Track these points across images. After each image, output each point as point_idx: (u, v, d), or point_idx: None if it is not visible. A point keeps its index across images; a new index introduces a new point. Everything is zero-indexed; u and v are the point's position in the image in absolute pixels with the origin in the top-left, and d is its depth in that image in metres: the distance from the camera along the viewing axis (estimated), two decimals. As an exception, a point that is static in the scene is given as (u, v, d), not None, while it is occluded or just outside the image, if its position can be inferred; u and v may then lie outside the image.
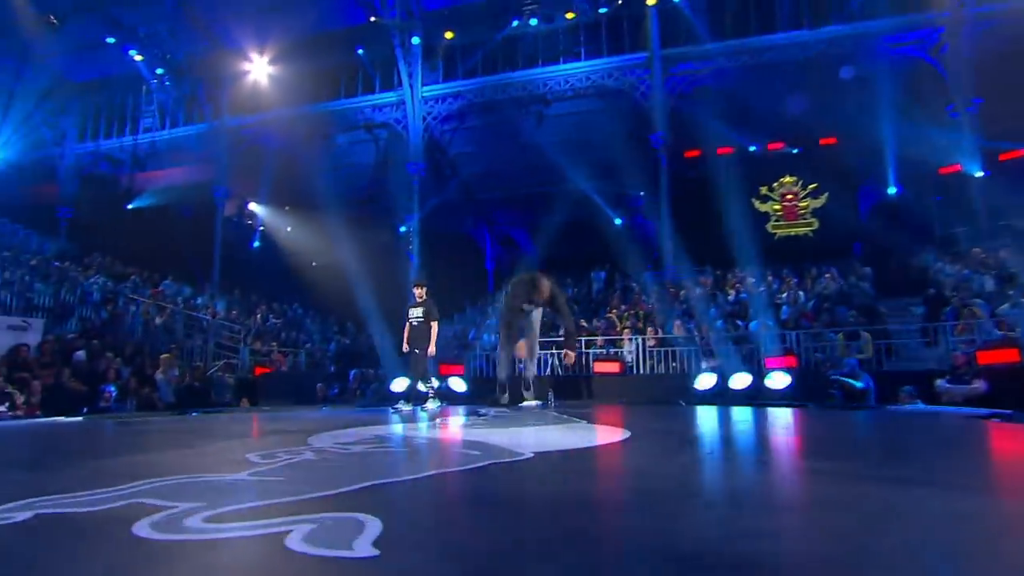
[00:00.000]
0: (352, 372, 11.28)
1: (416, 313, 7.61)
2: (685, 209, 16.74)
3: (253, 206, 20.38)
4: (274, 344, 13.66)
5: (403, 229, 18.91)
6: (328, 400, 10.57)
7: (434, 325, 7.57)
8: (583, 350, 10.60)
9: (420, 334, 7.52)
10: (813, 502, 2.21)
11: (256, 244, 20.42)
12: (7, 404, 8.14)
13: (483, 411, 6.35)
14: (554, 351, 10.82)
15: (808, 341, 9.36)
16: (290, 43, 17.39)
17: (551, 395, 8.69)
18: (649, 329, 10.31)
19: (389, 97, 18.88)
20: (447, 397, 9.38)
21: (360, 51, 18.01)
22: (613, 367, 9.88)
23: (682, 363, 10.01)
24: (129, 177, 18.72)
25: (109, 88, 18.22)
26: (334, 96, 19.11)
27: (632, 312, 12.00)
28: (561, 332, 9.63)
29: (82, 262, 16.64)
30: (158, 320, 11.82)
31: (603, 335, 11.07)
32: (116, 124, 18.93)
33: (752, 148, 17.75)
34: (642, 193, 18.50)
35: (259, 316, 16.40)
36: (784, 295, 11.85)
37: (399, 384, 9.98)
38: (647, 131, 17.11)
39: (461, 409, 7.01)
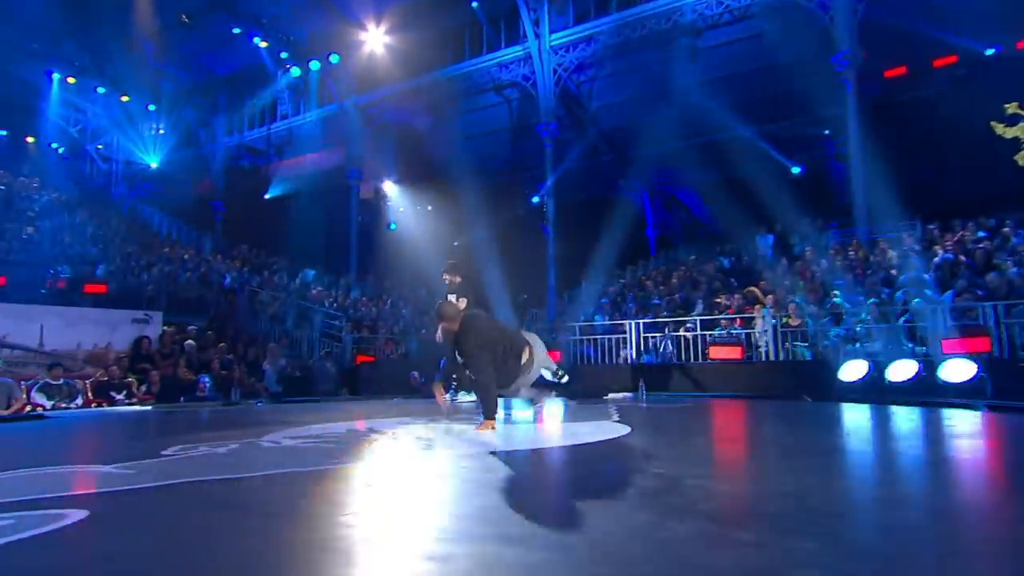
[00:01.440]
0: (442, 361, 11.74)
1: (452, 299, 7.58)
2: (886, 146, 14.62)
3: (387, 186, 22.05)
4: (395, 331, 14.74)
5: (536, 199, 19.11)
6: (421, 389, 11.18)
7: (463, 301, 7.45)
8: (699, 332, 9.95)
9: None
10: None
11: (392, 226, 22.12)
12: (124, 393, 9.92)
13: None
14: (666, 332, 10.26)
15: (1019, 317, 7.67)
16: (406, 8, 18.43)
17: (642, 385, 8.44)
18: (791, 305, 9.24)
19: (515, 52, 19.10)
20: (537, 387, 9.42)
21: (475, 3, 18.39)
22: (732, 352, 9.13)
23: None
24: (267, 167, 21.41)
25: (249, 79, 20.94)
26: (458, 59, 19.86)
27: (785, 284, 10.85)
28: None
29: (230, 254, 19.52)
30: (271, 310, 13.49)
31: (734, 313, 10.22)
32: (258, 115, 21.76)
33: (991, 51, 14.87)
34: (827, 132, 16.57)
35: (389, 302, 17.80)
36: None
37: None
38: (828, 51, 15.17)
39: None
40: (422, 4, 18.36)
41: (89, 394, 9.60)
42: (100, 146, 23.63)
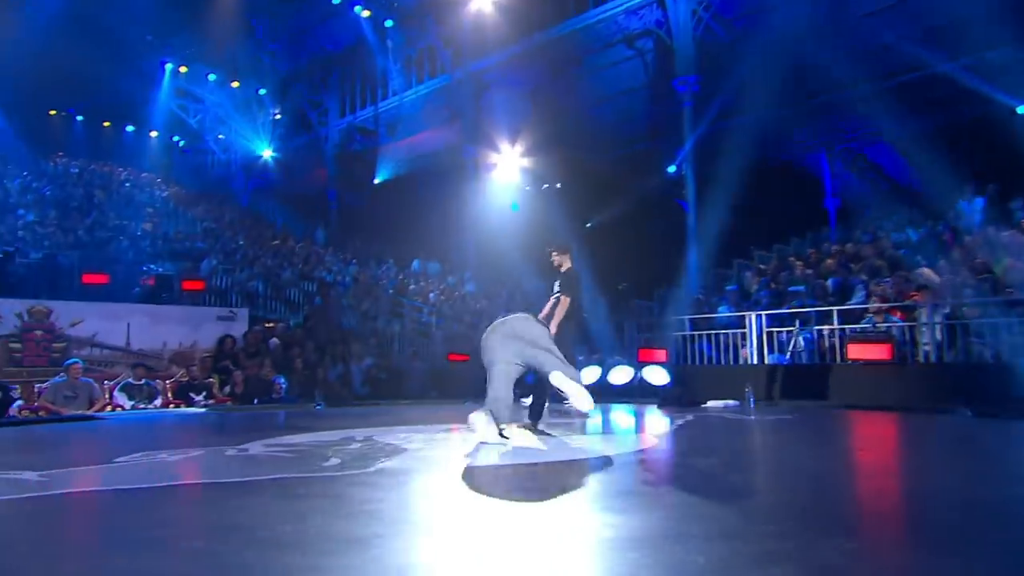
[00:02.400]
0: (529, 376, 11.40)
1: (554, 287, 7.34)
2: None
3: (508, 162, 21.91)
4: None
5: (671, 169, 18.07)
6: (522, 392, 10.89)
7: (564, 301, 7.12)
8: (837, 326, 8.73)
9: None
10: None
11: (515, 207, 21.97)
12: (204, 394, 10.54)
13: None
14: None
15: None
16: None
17: (749, 393, 7.70)
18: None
19: (644, -4, 18.14)
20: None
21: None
22: (878, 352, 7.89)
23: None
24: (377, 149, 22.05)
25: (360, 54, 21.66)
26: (581, 9, 19.20)
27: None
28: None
29: (342, 245, 20.45)
30: (363, 305, 13.80)
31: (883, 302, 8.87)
32: (369, 92, 22.46)
33: None
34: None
35: (504, 294, 17.72)
36: None
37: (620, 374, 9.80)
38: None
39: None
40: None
41: (169, 395, 10.31)
42: (221, 136, 25.70)
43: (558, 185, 24.04)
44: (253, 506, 2.64)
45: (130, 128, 24.32)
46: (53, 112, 23.34)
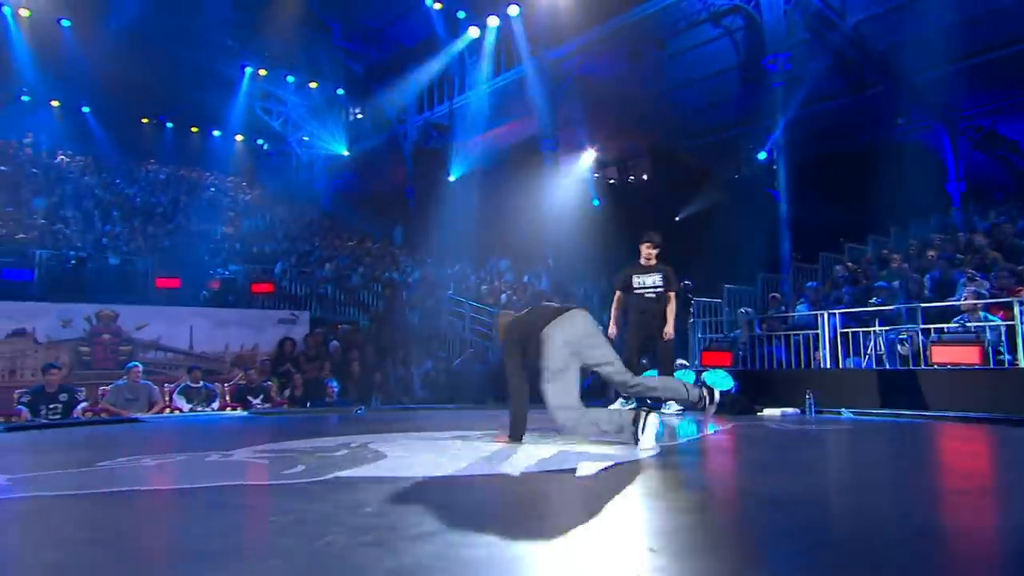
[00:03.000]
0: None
1: (647, 282, 7.48)
2: None
3: (588, 155, 21.74)
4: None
5: (762, 156, 17.37)
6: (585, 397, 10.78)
7: (672, 298, 7.45)
8: (921, 325, 8.05)
9: (656, 312, 7.41)
10: None
11: (596, 202, 21.76)
12: (261, 397, 10.99)
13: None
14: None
15: None
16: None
17: (809, 399, 7.37)
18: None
19: (730, -34, 17.52)
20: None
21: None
22: (965, 355, 7.27)
23: None
24: (452, 145, 22.31)
25: (433, 49, 21.98)
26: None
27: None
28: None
29: (420, 246, 20.86)
30: (426, 305, 14.01)
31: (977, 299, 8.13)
32: (446, 87, 22.79)
33: None
34: None
35: (582, 292, 17.58)
36: None
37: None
38: None
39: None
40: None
41: (227, 398, 10.81)
42: (305, 138, 26.76)
43: (644, 177, 23.68)
44: (153, 516, 2.71)
45: (216, 133, 25.69)
46: (145, 120, 24.95)
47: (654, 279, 7.47)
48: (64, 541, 2.32)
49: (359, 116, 25.57)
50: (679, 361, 10.50)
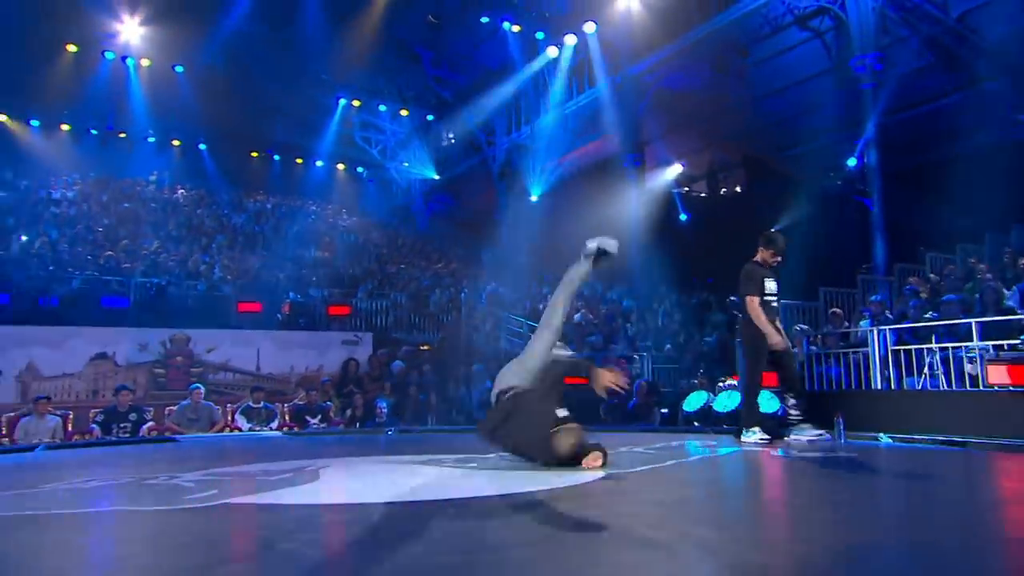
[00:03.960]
0: (636, 383, 10.76)
1: (773, 288, 6.88)
2: None
3: (673, 169, 21.13)
4: (637, 348, 14.04)
5: (851, 162, 16.25)
6: (611, 415, 10.50)
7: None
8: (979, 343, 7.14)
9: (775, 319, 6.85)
10: None
11: (683, 217, 21.07)
12: (319, 417, 11.24)
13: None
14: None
15: None
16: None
17: (839, 421, 6.74)
18: None
19: (813, -35, 16.62)
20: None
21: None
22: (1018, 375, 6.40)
23: None
24: (537, 166, 22.25)
25: (516, 70, 22.06)
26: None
27: None
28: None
29: (504, 265, 20.86)
30: (488, 325, 13.92)
31: None
32: (532, 108, 22.80)
33: None
34: None
35: (661, 311, 17.01)
36: None
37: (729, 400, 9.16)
38: None
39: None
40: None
41: (286, 417, 11.12)
42: (406, 164, 27.53)
43: (738, 189, 22.75)
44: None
45: (319, 163, 26.85)
46: (255, 154, 26.42)
47: (775, 285, 6.87)
48: None
49: (452, 140, 26.04)
50: (728, 381, 9.93)
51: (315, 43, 20.39)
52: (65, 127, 23.81)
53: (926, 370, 7.77)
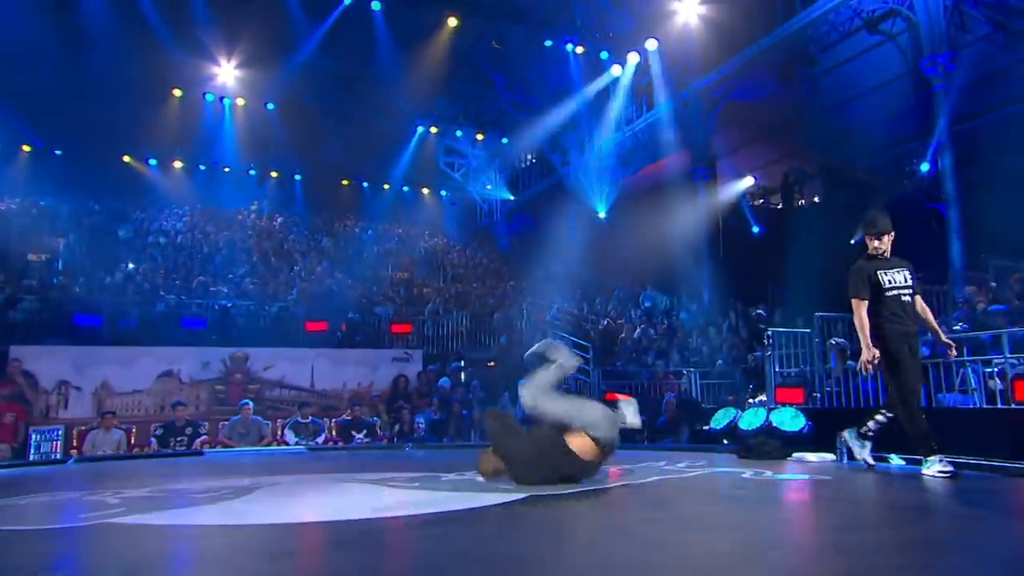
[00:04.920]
0: (665, 400, 10.42)
1: (899, 279, 5.55)
2: None
3: (745, 181, 20.47)
4: (691, 363, 13.68)
5: (924, 167, 15.27)
6: (655, 436, 10.26)
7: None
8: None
9: (912, 317, 5.60)
10: None
11: (756, 230, 20.33)
12: (365, 432, 11.60)
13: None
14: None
15: None
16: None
17: (841, 443, 6.30)
18: None
19: (880, -32, 15.84)
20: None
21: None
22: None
23: None
24: (609, 183, 22.11)
25: (586, 91, 22.06)
26: (807, 2, 17.40)
27: None
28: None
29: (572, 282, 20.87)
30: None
31: None
32: (603, 127, 22.73)
33: None
34: None
35: (725, 326, 16.49)
36: None
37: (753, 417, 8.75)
38: None
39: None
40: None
41: (332, 432, 11.53)
42: (488, 186, 28.06)
43: (816, 199, 21.77)
44: None
45: (405, 188, 27.77)
46: (345, 182, 27.61)
47: (904, 275, 5.57)
48: None
49: (531, 160, 26.37)
50: (759, 398, 9.55)
51: (392, 75, 21.13)
52: (178, 164, 25.71)
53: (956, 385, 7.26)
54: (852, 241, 19.56)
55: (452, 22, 19.13)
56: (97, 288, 15.17)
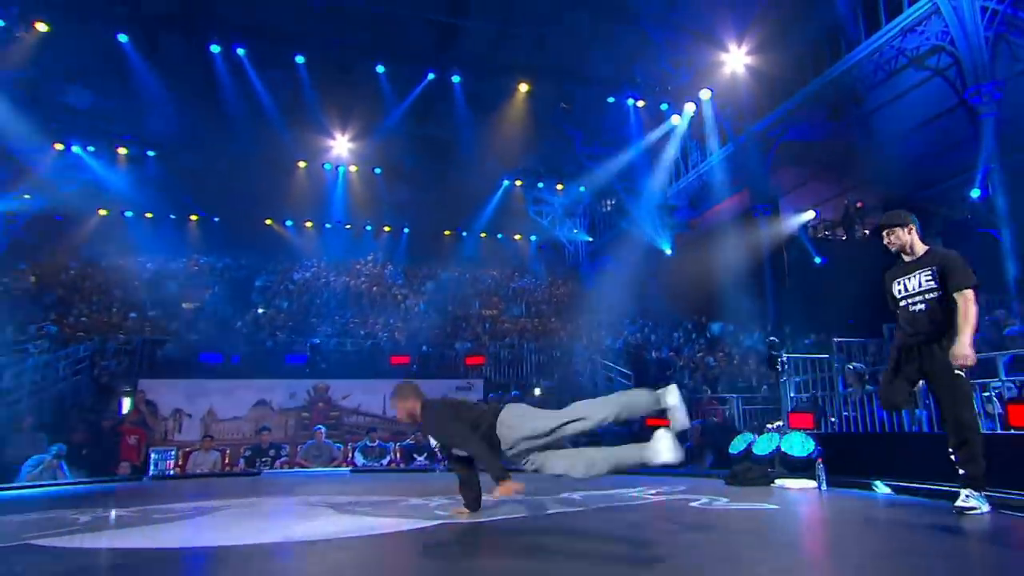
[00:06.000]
0: (691, 426, 9.89)
1: (911, 285, 4.56)
2: None
3: (806, 215, 19.51)
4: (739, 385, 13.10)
5: (974, 194, 14.03)
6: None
7: (968, 297, 4.29)
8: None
9: (931, 332, 4.43)
10: None
11: (818, 260, 19.23)
12: (425, 455, 11.83)
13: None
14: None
15: None
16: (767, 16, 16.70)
17: (820, 469, 6.05)
18: None
19: (919, 9, 14.89)
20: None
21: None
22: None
23: None
24: (679, 223, 21.69)
25: (648, 141, 21.91)
26: (851, 45, 16.60)
27: None
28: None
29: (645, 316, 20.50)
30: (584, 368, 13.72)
31: None
32: (672, 172, 22.51)
33: None
34: None
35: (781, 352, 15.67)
36: None
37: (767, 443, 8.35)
38: None
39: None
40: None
41: (397, 454, 11.84)
42: (576, 230, 28.26)
43: (866, 232, 20.39)
44: None
45: (499, 236, 28.40)
46: (448, 232, 28.53)
47: (920, 279, 4.52)
48: None
49: (609, 205, 26.33)
50: (777, 424, 9.02)
51: (478, 136, 21.81)
52: (308, 224, 27.53)
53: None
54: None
55: (524, 87, 19.59)
56: (227, 330, 16.41)
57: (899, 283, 4.65)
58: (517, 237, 29.26)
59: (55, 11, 16.29)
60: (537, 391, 14.15)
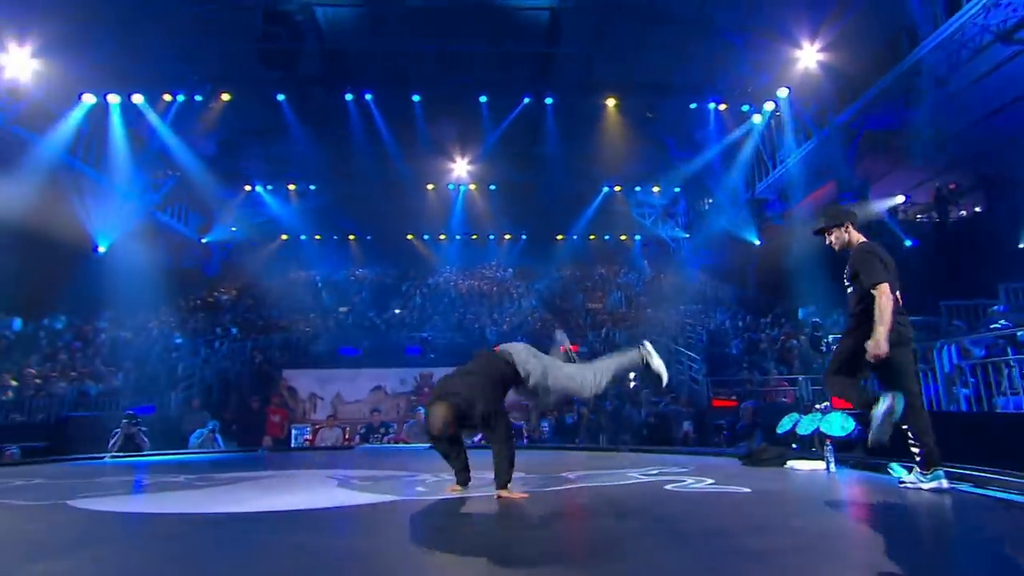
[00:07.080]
0: (743, 406, 9.47)
1: (846, 279, 4.69)
2: None
3: (895, 199, 17.81)
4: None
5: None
6: (735, 440, 9.65)
7: (881, 290, 4.21)
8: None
9: (852, 317, 4.57)
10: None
11: (908, 243, 17.49)
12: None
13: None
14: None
15: None
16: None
17: (829, 450, 5.77)
18: None
19: (999, -18, 13.18)
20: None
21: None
22: None
23: None
24: (771, 216, 20.54)
25: (732, 141, 20.93)
26: (928, 29, 14.96)
27: None
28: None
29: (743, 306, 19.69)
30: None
31: None
32: (759, 168, 21.35)
33: None
34: None
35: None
36: None
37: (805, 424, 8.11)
38: None
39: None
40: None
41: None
42: (676, 228, 27.55)
43: (977, 210, 18.20)
44: None
45: (607, 236, 28.37)
46: (560, 237, 28.85)
47: (848, 274, 4.56)
48: None
49: (708, 203, 25.43)
50: (825, 404, 8.58)
51: (577, 149, 21.98)
52: (442, 236, 29.06)
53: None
54: (1020, 245, 16.19)
55: (611, 102, 19.56)
56: (365, 327, 17.90)
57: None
58: (623, 237, 29.05)
59: (232, 83, 18.61)
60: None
